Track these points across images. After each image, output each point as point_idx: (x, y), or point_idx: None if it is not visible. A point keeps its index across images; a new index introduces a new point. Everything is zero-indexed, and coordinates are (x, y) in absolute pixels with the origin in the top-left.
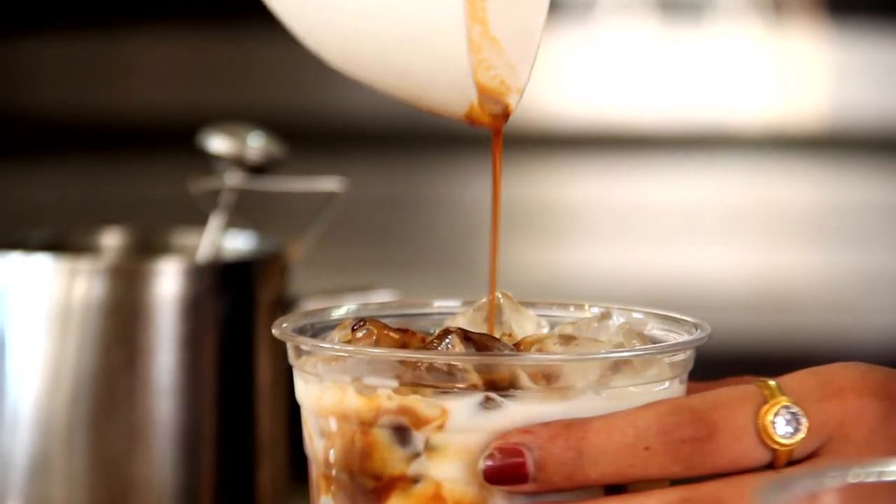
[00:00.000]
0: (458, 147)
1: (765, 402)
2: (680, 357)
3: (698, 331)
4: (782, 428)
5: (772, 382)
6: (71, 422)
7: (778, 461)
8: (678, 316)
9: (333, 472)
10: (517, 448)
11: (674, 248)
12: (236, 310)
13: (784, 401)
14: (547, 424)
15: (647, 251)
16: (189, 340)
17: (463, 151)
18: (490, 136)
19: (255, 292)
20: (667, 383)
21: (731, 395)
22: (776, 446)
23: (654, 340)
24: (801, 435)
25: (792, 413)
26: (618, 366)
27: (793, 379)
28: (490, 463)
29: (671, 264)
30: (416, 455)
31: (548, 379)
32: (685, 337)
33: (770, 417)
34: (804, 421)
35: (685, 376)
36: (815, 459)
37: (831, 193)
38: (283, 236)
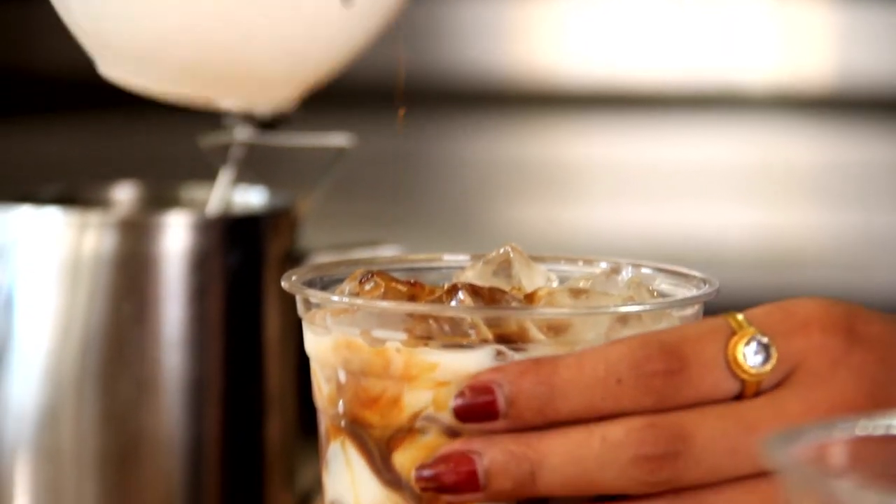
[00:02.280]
0: (466, 105)
1: (733, 333)
2: (689, 311)
3: (707, 286)
4: (752, 358)
5: (739, 316)
6: (81, 373)
7: (747, 391)
8: (686, 271)
9: (342, 423)
10: (487, 385)
11: (680, 206)
12: (245, 263)
13: (753, 332)
14: (518, 362)
15: (654, 210)
16: (198, 293)
17: (471, 110)
18: (510, 96)
19: (265, 246)
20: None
21: (701, 329)
22: (746, 376)
23: (662, 295)
24: (770, 365)
25: (762, 344)
26: (626, 319)
27: (759, 312)
28: (460, 401)
29: (677, 223)
30: (425, 407)
31: (557, 332)
32: (694, 292)
33: (740, 348)
34: (773, 351)
35: None
36: (779, 390)
37: (837, 153)
38: (293, 191)
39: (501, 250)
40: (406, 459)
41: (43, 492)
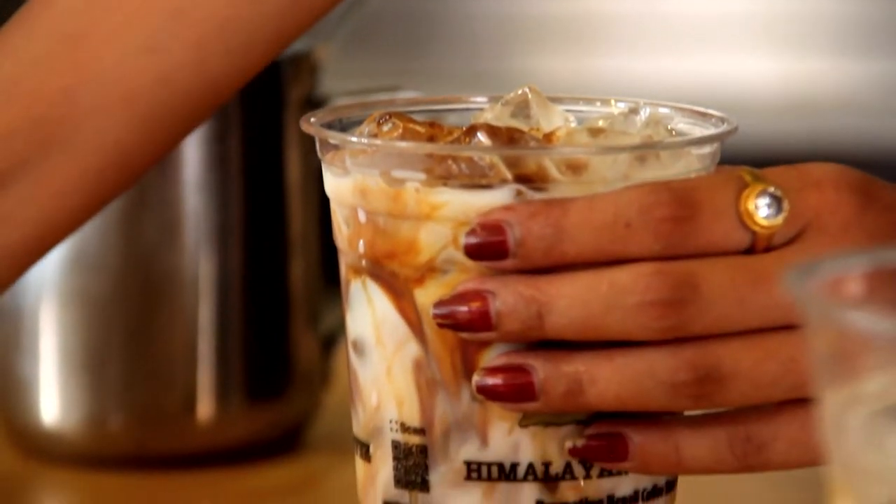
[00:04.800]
0: None
1: (746, 186)
2: (707, 150)
3: (725, 124)
4: (764, 210)
5: (753, 170)
6: (103, 216)
7: (757, 244)
8: (704, 110)
9: (363, 262)
10: (498, 224)
11: (701, 55)
12: (265, 107)
13: (766, 185)
14: (529, 202)
15: (674, 59)
16: (219, 137)
17: None
18: None
19: (284, 91)
20: (693, 176)
21: (714, 179)
22: (757, 228)
23: (680, 134)
24: (781, 218)
25: (774, 197)
26: (645, 158)
27: (774, 169)
28: (472, 239)
29: (697, 72)
30: (445, 246)
31: (576, 171)
32: (712, 130)
33: (752, 199)
34: (785, 205)
35: (712, 171)
36: (789, 246)
37: (859, 1)
38: (312, 37)
39: (520, 91)
40: (427, 297)
41: (68, 335)
